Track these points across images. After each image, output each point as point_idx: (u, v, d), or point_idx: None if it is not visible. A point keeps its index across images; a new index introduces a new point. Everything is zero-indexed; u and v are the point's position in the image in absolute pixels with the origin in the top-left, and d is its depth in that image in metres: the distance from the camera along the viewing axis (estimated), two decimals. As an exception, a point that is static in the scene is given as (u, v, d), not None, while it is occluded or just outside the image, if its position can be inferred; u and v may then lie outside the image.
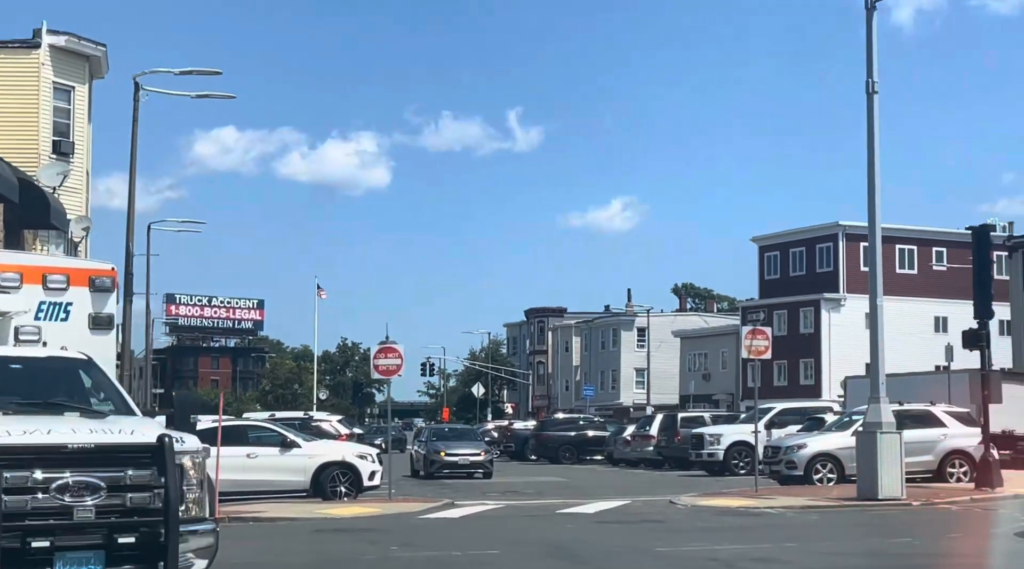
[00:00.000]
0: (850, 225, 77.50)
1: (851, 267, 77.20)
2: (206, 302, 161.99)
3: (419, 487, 33.17)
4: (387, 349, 26.08)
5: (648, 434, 45.15)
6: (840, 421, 31.03)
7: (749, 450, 37.27)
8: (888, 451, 24.15)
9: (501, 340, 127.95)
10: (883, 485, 24.00)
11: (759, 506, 23.64)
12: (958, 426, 29.80)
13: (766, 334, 27.38)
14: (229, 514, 22.41)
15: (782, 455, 29.49)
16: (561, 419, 56.62)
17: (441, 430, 41.27)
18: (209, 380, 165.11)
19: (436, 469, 37.12)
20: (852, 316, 76.60)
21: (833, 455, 29.08)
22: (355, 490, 26.07)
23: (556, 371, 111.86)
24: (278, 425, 27.46)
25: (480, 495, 28.92)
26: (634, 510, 23.63)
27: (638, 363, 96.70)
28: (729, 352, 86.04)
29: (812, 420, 34.36)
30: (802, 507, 23.41)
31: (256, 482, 25.62)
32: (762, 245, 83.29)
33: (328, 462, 25.99)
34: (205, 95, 31.46)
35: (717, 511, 23.12)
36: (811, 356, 75.51)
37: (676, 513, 22.94)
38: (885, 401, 24.66)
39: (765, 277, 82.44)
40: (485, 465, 37.17)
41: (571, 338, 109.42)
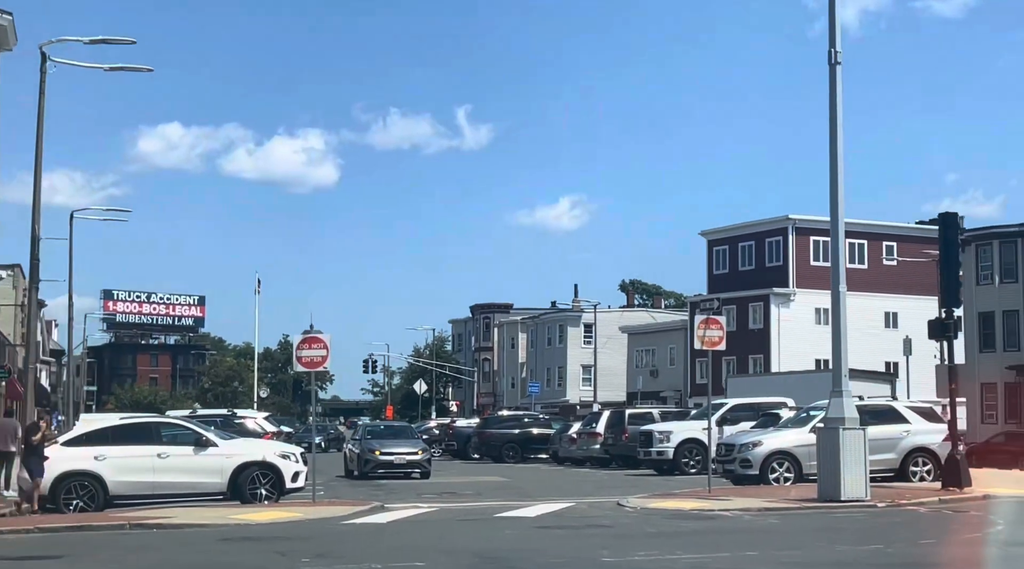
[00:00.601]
0: (800, 219, 76.31)
1: (801, 261, 75.99)
2: (145, 298, 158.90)
3: (351, 488, 31.12)
4: (311, 339, 24.00)
5: (594, 431, 43.32)
6: (797, 417, 29.38)
7: (700, 448, 35.59)
8: (851, 449, 22.47)
9: (446, 337, 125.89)
10: (846, 485, 22.33)
11: (714, 508, 21.85)
12: (921, 422, 28.22)
13: (720, 324, 25.58)
14: (132, 520, 20.35)
15: (736, 453, 27.75)
16: (505, 416, 54.64)
17: (376, 428, 39.15)
18: (148, 378, 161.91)
19: (370, 469, 35.05)
20: (802, 311, 75.44)
21: (790, 453, 27.39)
22: (277, 492, 23.99)
23: (502, 368, 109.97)
24: (193, 423, 25.29)
25: (415, 497, 26.95)
26: (579, 513, 21.77)
27: (585, 360, 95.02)
28: (677, 348, 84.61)
29: (766, 416, 32.70)
30: (760, 509, 21.64)
31: (168, 484, 23.51)
32: (711, 239, 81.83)
33: (247, 462, 23.89)
34: (119, 68, 29.14)
35: (669, 514, 21.31)
36: (760, 352, 74.13)
37: (624, 517, 21.10)
38: (848, 395, 22.98)
39: (714, 272, 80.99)
40: (422, 464, 35.17)
41: (517, 334, 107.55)
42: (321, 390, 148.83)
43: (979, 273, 61.48)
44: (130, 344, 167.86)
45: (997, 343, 60.33)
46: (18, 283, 59.74)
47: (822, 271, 76.81)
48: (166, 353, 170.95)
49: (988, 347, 60.55)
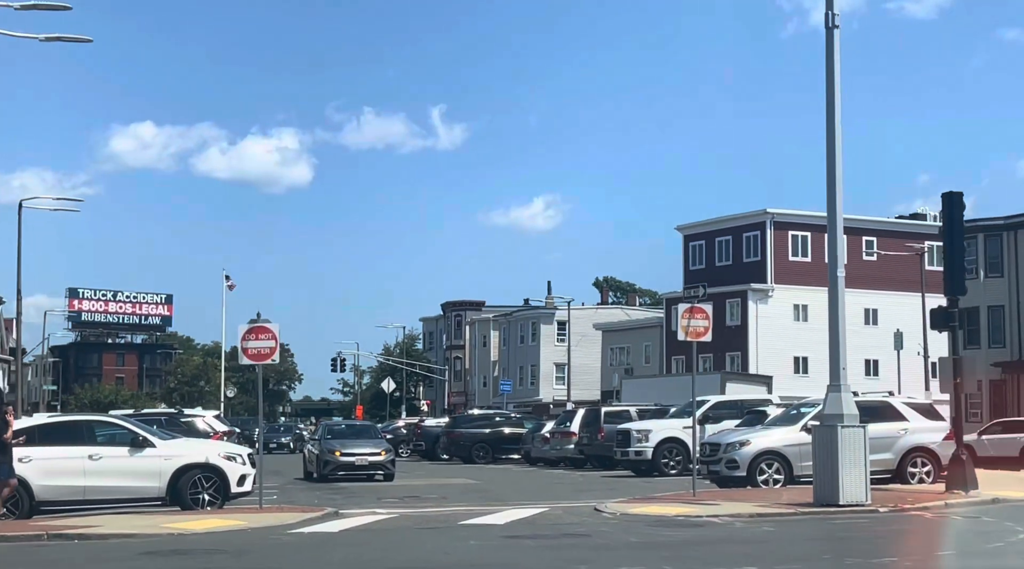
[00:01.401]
0: (778, 213, 74.51)
1: (779, 256, 74.16)
2: (111, 297, 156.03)
3: (307, 492, 28.96)
4: (258, 329, 21.80)
5: (569, 431, 41.29)
6: (787, 414, 27.39)
7: (681, 448, 33.72)
8: (851, 448, 20.49)
9: (417, 335, 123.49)
10: (845, 488, 20.35)
11: (701, 514, 19.83)
12: (920, 419, 26.31)
13: (706, 313, 23.58)
14: (51, 529, 18.14)
15: (722, 453, 25.75)
16: (475, 415, 52.54)
17: (337, 427, 36.91)
18: (114, 377, 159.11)
19: (330, 471, 32.90)
20: (780, 308, 73.64)
21: (780, 453, 25.44)
22: (221, 497, 21.82)
23: (474, 367, 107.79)
24: (130, 421, 23.06)
25: (374, 501, 24.83)
26: (552, 520, 19.71)
27: (558, 358, 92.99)
28: (652, 346, 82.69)
29: (752, 414, 30.73)
30: (752, 515, 19.64)
31: (100, 489, 21.28)
32: (687, 234, 79.89)
33: (188, 465, 21.70)
34: (56, 38, 26.94)
35: (652, 521, 19.26)
36: (738, 349, 72.19)
37: (603, 524, 19.04)
38: (846, 390, 20.99)
39: (690, 267, 79.02)
40: (386, 466, 33.02)
41: (489, 332, 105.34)
42: (290, 390, 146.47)
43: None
44: (96, 343, 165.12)
45: (982, 339, 58.72)
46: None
47: (801, 266, 75.20)
48: (133, 352, 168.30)
49: (973, 343, 58.80)
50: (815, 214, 76.03)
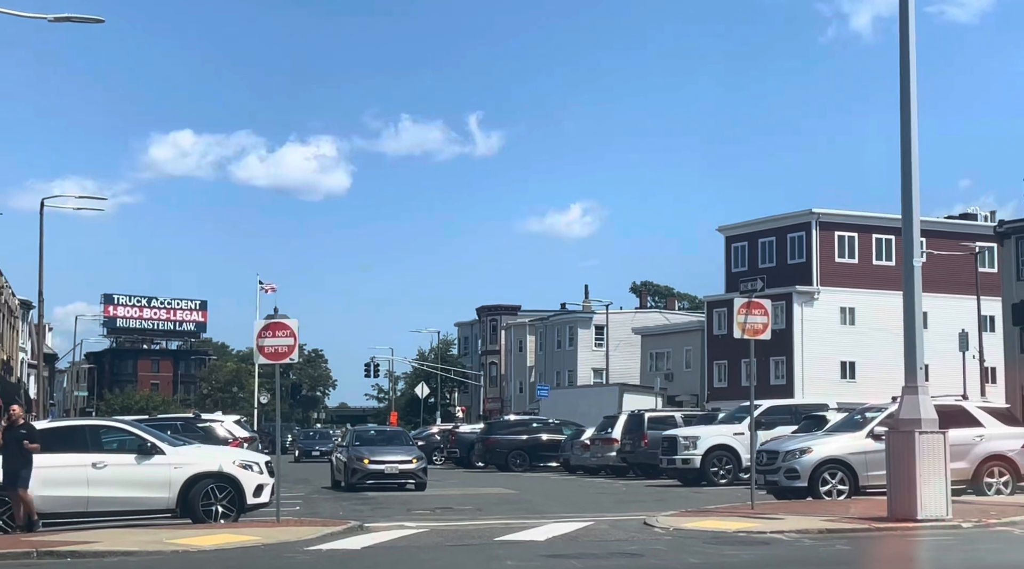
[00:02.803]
0: (824, 213, 72.23)
1: (825, 258, 71.84)
2: (146, 303, 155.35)
3: (333, 502, 27.11)
4: (275, 326, 20.00)
5: (610, 437, 39.31)
6: (850, 419, 25.29)
7: (731, 455, 31.71)
8: (930, 457, 18.44)
9: (452, 340, 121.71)
10: (923, 501, 18.29)
11: (763, 530, 17.81)
12: (996, 425, 24.14)
13: (764, 308, 21.52)
14: (42, 546, 16.36)
15: (780, 462, 23.68)
16: (512, 421, 50.57)
17: (366, 433, 35.04)
18: (149, 383, 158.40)
19: (358, 480, 31.05)
20: (826, 311, 71.33)
21: (844, 462, 23.35)
22: (235, 509, 20.04)
23: (509, 372, 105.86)
24: (139, 426, 21.30)
25: (403, 513, 22.97)
26: (598, 536, 17.74)
27: (596, 363, 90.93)
28: (693, 350, 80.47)
29: (810, 419, 28.63)
30: (821, 531, 17.60)
31: (104, 500, 19.57)
32: (729, 235, 77.68)
33: (200, 473, 19.94)
34: (65, 18, 25.35)
35: (709, 537, 17.27)
36: (783, 354, 69.77)
37: (655, 541, 17.07)
38: (924, 391, 18.93)
39: (732, 269, 76.80)
40: (417, 474, 31.14)
41: (525, 337, 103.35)
42: (324, 396, 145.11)
43: (1020, 267, 57.29)
44: (131, 349, 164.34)
45: (1040, 342, 56.11)
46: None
47: (847, 268, 72.77)
48: (167, 358, 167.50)
49: (1031, 347, 56.33)
50: (862, 214, 73.80)
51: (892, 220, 73.72)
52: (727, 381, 74.91)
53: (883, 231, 73.24)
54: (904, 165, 19.67)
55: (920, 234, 73.06)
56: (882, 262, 73.05)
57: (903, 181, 19.62)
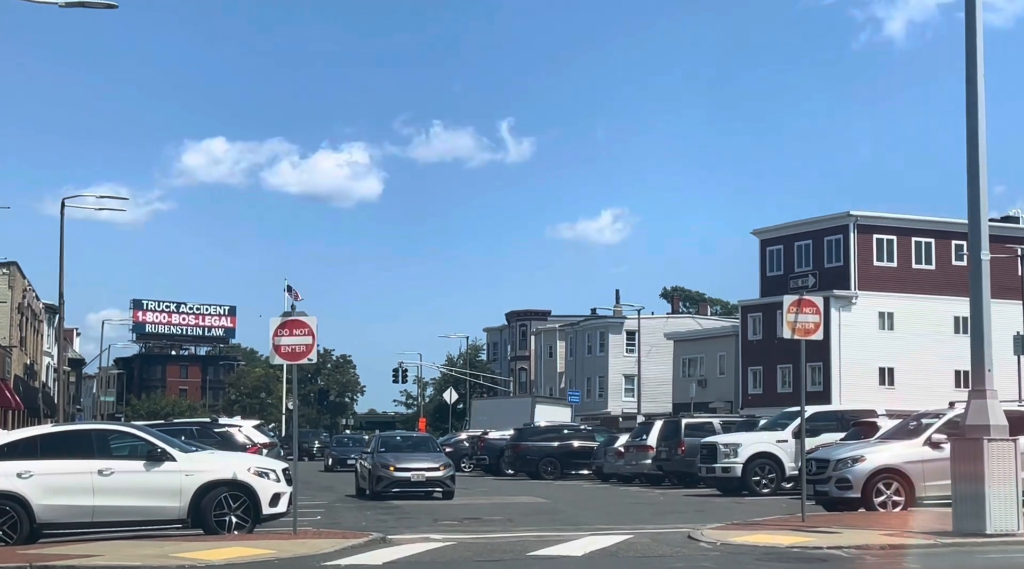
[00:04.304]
0: (862, 215, 70.53)
1: (863, 262, 70.10)
2: (174, 308, 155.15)
3: (356, 511, 25.82)
4: (292, 324, 18.71)
5: (645, 444, 37.88)
6: (903, 426, 23.78)
7: (774, 464, 30.27)
8: (1000, 466, 16.97)
9: (481, 345, 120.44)
10: (992, 514, 16.82)
11: (820, 545, 16.39)
12: (1064, 433, 22.51)
13: (816, 307, 20.09)
14: (37, 560, 15.14)
15: (831, 471, 22.21)
16: (543, 427, 49.16)
17: (392, 439, 33.71)
18: (178, 389, 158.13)
19: (383, 487, 29.75)
20: (864, 316, 69.59)
21: (900, 471, 21.83)
22: (250, 519, 18.76)
23: (539, 378, 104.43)
24: (149, 431, 20.07)
25: (430, 524, 21.66)
26: (640, 551, 16.37)
27: (627, 369, 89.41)
28: (727, 356, 78.84)
29: (859, 426, 27.13)
30: (883, 547, 16.18)
31: (111, 509, 18.30)
32: (763, 238, 76.05)
33: (213, 481, 18.66)
34: (78, 3, 24.23)
35: (761, 553, 15.88)
36: (819, 360, 67.96)
37: (702, 557, 15.69)
38: (993, 396, 17.48)
39: (767, 273, 75.17)
40: (445, 482, 29.82)
41: (555, 342, 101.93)
42: (353, 402, 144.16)
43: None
44: (160, 355, 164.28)
45: (1088, 348, 54.40)
46: (15, 282, 55.01)
47: (886, 272, 71.00)
48: (196, 364, 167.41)
49: (1078, 352, 54.61)
50: (902, 217, 72.04)
51: (932, 222, 72.20)
52: (762, 387, 73.27)
53: (923, 234, 71.53)
54: (970, 154, 18.27)
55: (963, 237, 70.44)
56: (921, 266, 71.30)
57: (969, 169, 18.20)
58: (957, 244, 71.14)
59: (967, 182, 18.18)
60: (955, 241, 71.24)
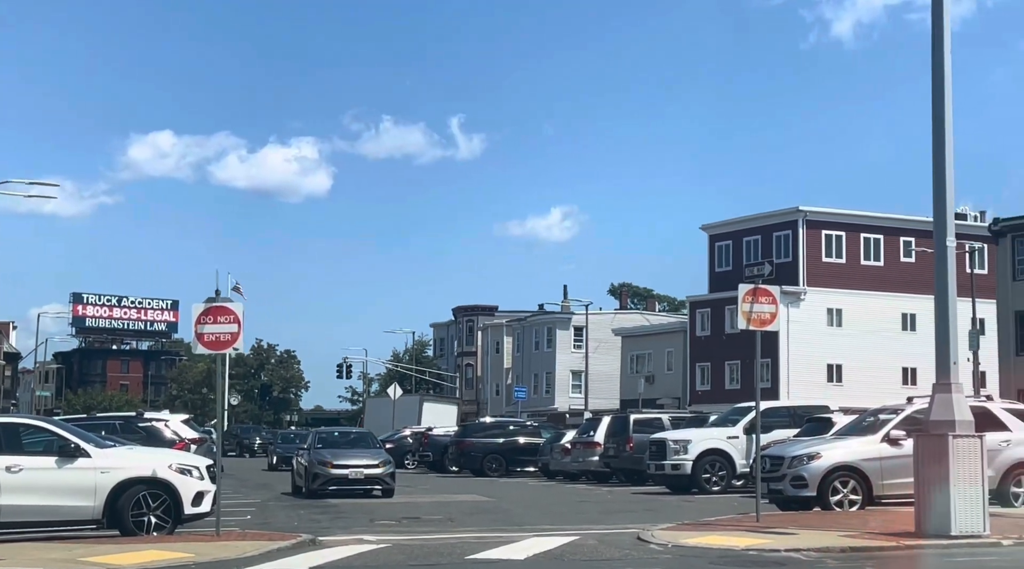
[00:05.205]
0: (812, 211, 70.16)
1: (812, 258, 69.75)
2: (115, 302, 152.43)
3: (289, 511, 24.58)
4: (218, 310, 17.46)
5: (592, 441, 36.92)
6: (860, 422, 22.97)
7: (724, 461, 29.43)
8: (965, 464, 16.14)
9: (427, 341, 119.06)
10: (958, 515, 15.98)
11: (777, 547, 15.44)
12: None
13: (773, 296, 19.19)
14: (-73, 566, 13.79)
15: (786, 468, 21.31)
16: (487, 424, 48.10)
17: (330, 435, 32.48)
18: (118, 384, 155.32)
19: (320, 485, 28.52)
20: (813, 312, 69.20)
21: (857, 469, 21.00)
22: (171, 520, 17.50)
23: (486, 374, 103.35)
24: (63, 426, 18.72)
25: (365, 524, 20.50)
26: (586, 553, 15.33)
27: (575, 365, 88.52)
28: (675, 352, 78.17)
29: (814, 422, 26.30)
30: (843, 549, 15.26)
31: (19, 508, 16.92)
32: (712, 234, 75.46)
33: (131, 479, 17.37)
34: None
35: (716, 556, 14.90)
36: (768, 356, 67.36)
37: (652, 560, 14.69)
38: (959, 390, 16.62)
39: (716, 269, 74.58)
40: (384, 480, 28.63)
41: (502, 338, 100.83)
42: (296, 398, 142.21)
43: (1016, 267, 55.17)
44: (100, 349, 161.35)
45: (1037, 345, 54.07)
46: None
47: (835, 268, 70.60)
48: (137, 359, 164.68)
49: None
50: (850, 213, 71.73)
51: (880, 219, 71.96)
52: (710, 384, 72.70)
53: (871, 230, 71.32)
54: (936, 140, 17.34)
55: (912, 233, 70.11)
56: (870, 262, 71.07)
57: (935, 156, 17.28)
58: (905, 240, 71.06)
59: (933, 168, 17.30)
60: (903, 238, 71.16)
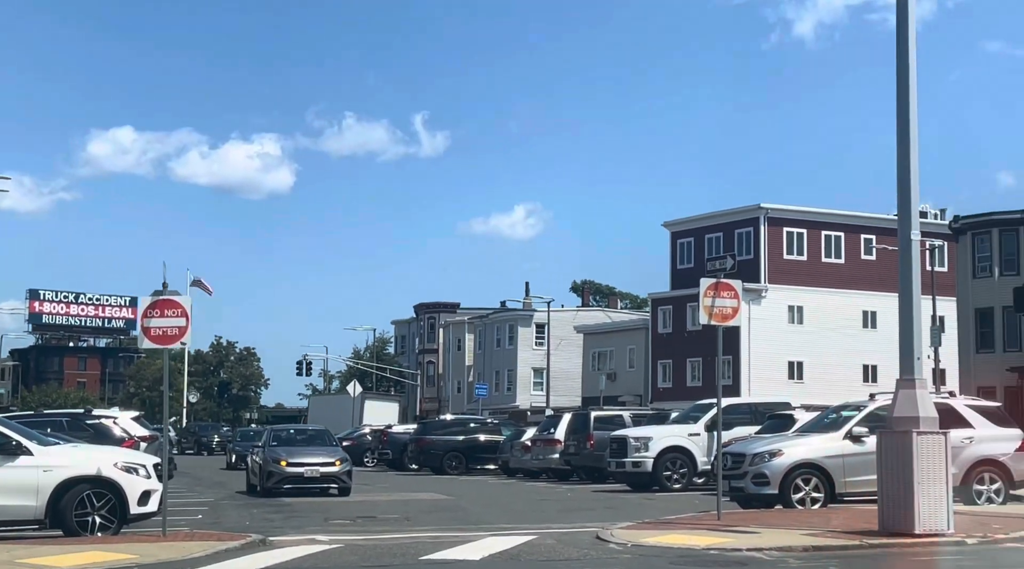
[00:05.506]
0: (773, 208, 70.07)
1: (773, 255, 69.65)
2: (73, 299, 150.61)
3: (242, 510, 24.05)
4: (165, 303, 16.91)
5: (553, 438, 36.56)
6: (822, 419, 22.70)
7: (685, 458, 29.13)
8: (929, 462, 15.85)
9: (388, 338, 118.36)
10: (921, 513, 15.69)
11: (739, 546, 15.11)
12: (987, 426, 21.60)
13: (735, 291, 18.84)
14: None
15: (747, 466, 21.01)
16: (448, 421, 47.67)
17: (285, 433, 31.96)
18: (75, 382, 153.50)
19: (275, 483, 27.97)
20: (774, 309, 69.09)
21: (819, 466, 20.74)
22: (117, 519, 16.96)
23: (447, 371, 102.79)
24: (5, 423, 18.08)
25: (319, 523, 20.02)
26: (544, 553, 14.93)
27: (536, 362, 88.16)
28: (637, 349, 77.95)
29: (775, 419, 26.01)
30: (806, 548, 14.94)
31: (-43, 508, 16.39)
32: (674, 231, 75.23)
33: (74, 478, 16.81)
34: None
35: (676, 556, 14.54)
36: (729, 353, 67.18)
37: (612, 560, 14.32)
38: (923, 385, 16.34)
39: (678, 266, 74.34)
40: (341, 478, 28.13)
41: (464, 335, 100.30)
42: (256, 395, 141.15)
43: (976, 265, 55.39)
44: (57, 346, 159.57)
45: (996, 342, 54.19)
46: None
47: (796, 265, 70.59)
48: (95, 356, 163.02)
49: (986, 347, 54.45)
50: (812, 210, 71.75)
51: (842, 216, 72.03)
52: (672, 381, 72.51)
53: (832, 228, 71.35)
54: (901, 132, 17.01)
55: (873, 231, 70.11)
56: (831, 260, 71.10)
57: (899, 148, 16.95)
58: (866, 238, 71.17)
59: (897, 161, 16.99)
60: (864, 235, 71.27)
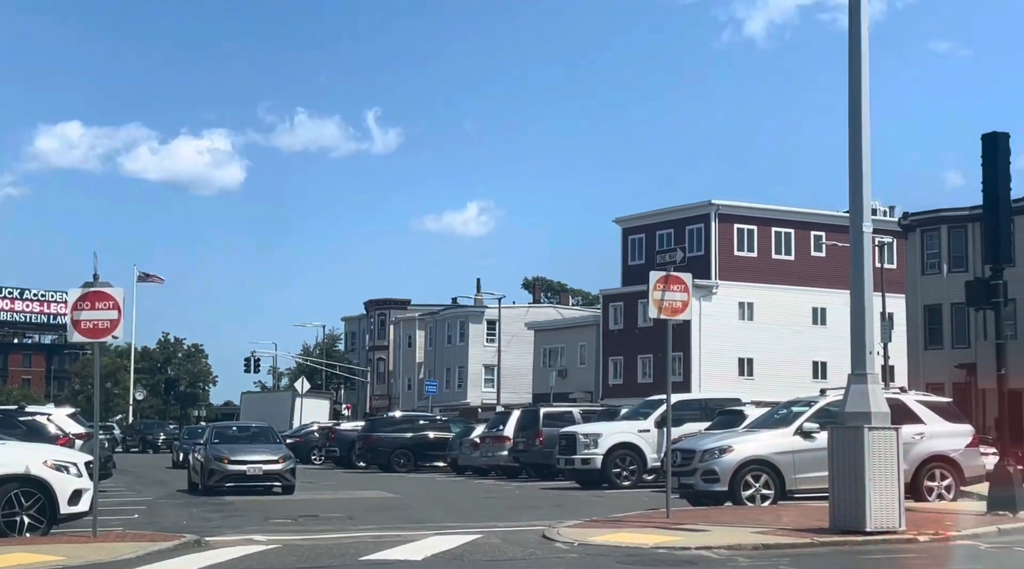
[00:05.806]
0: (724, 204, 70.04)
1: (724, 251, 69.62)
2: (18, 295, 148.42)
3: (180, 509, 23.42)
4: (95, 295, 16.30)
5: (502, 435, 36.15)
6: (772, 415, 22.44)
7: (635, 455, 28.83)
8: (881, 458, 15.55)
9: (339, 335, 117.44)
10: (873, 510, 15.39)
11: (688, 545, 14.75)
12: (938, 422, 21.42)
13: (685, 284, 18.49)
14: None
15: (697, 462, 20.69)
16: (396, 418, 47.11)
17: (227, 430, 31.32)
18: (20, 379, 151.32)
19: (216, 482, 27.36)
20: (725, 306, 69.06)
21: (769, 462, 20.46)
22: (46, 519, 16.36)
23: (398, 368, 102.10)
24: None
25: (259, 523, 19.46)
26: (488, 553, 14.50)
27: (487, 359, 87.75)
28: (588, 346, 77.76)
29: (725, 415, 25.73)
30: (756, 547, 14.61)
31: None
32: (626, 227, 75.07)
33: (2, 477, 16.21)
34: None
35: (623, 555, 14.15)
36: (680, 350, 67.02)
37: (557, 559, 13.91)
38: (875, 381, 16.05)
39: (629, 262, 74.16)
40: (284, 475, 27.54)
41: (415, 332, 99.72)
42: (204, 392, 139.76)
43: (924, 262, 55.60)
44: (1, 343, 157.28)
45: (945, 339, 54.47)
46: None
47: (746, 262, 70.64)
48: (40, 353, 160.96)
49: (935, 344, 54.72)
50: (762, 206, 71.84)
51: (792, 213, 72.15)
52: (623, 378, 72.34)
53: (782, 224, 71.45)
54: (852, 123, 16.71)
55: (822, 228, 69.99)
56: (781, 256, 71.20)
57: (851, 127, 16.63)
58: (816, 235, 71.32)
59: (849, 152, 16.72)
60: (814, 232, 71.41)
